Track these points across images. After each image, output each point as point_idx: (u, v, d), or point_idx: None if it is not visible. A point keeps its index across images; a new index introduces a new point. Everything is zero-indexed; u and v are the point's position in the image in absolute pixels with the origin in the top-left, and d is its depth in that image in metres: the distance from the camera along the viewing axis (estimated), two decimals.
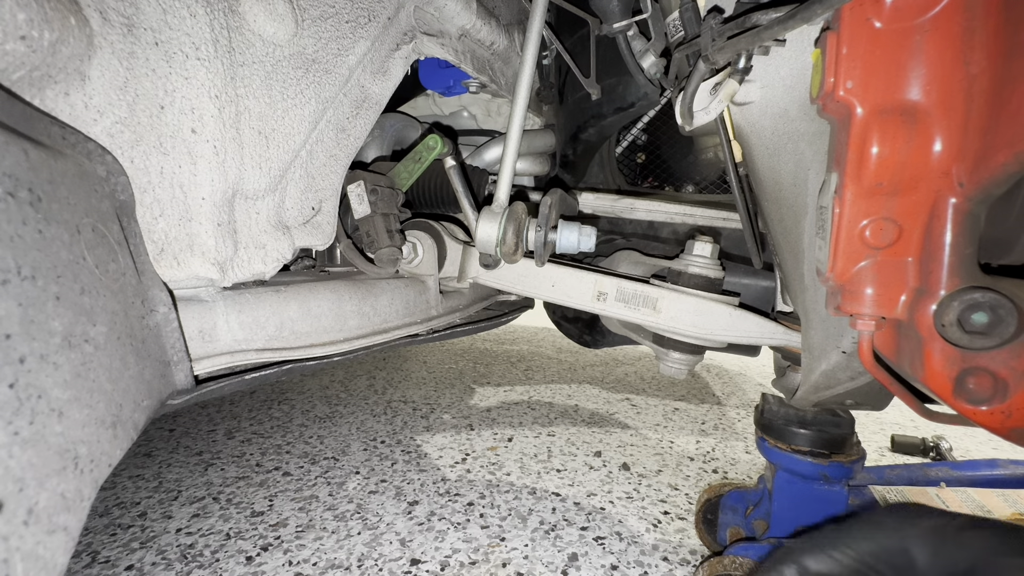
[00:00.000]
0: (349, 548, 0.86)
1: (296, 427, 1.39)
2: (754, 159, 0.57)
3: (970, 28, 0.40)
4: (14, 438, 0.27)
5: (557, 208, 0.71)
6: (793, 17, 0.39)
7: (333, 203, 0.66)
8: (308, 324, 0.62)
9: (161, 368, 0.44)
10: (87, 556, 0.85)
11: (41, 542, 0.28)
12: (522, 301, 1.18)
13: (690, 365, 0.78)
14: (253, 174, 0.53)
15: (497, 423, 1.43)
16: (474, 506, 1.00)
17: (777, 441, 0.74)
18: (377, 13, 0.65)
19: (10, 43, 0.34)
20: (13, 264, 0.28)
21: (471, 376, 1.88)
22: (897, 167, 0.43)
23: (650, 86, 0.76)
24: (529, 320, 2.72)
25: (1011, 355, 0.40)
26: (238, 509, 0.98)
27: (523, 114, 0.66)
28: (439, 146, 0.80)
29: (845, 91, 0.43)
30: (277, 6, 0.53)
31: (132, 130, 0.45)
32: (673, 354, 0.78)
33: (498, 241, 0.65)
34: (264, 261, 0.56)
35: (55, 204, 0.33)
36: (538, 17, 0.65)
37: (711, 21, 0.47)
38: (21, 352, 0.28)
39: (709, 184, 1.08)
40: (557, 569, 0.82)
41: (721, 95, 0.50)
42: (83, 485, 0.31)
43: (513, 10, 0.94)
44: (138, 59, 0.44)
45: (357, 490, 1.05)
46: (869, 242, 0.45)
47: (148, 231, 0.47)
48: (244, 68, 0.51)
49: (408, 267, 0.82)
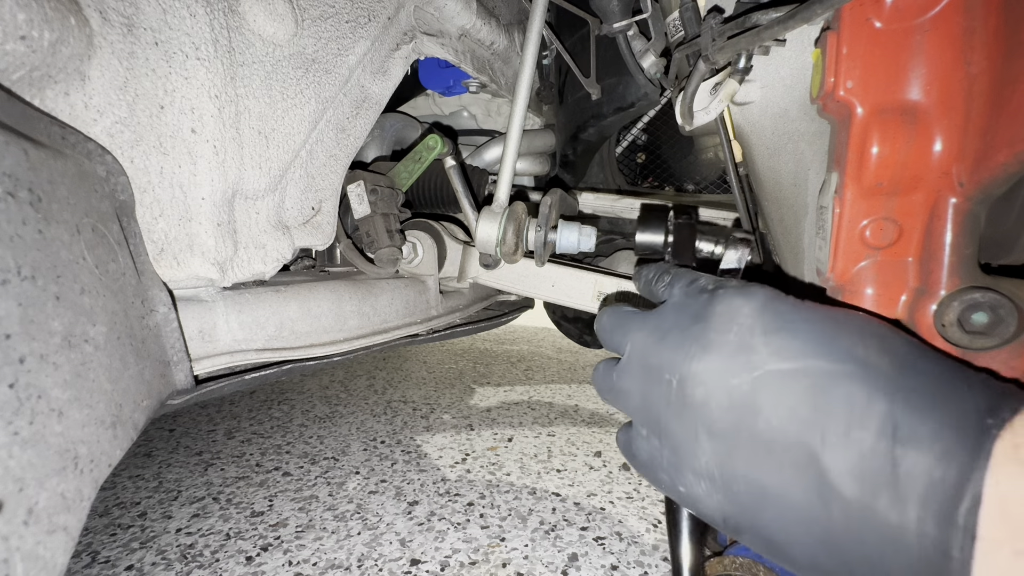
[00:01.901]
0: (349, 548, 0.86)
1: (296, 427, 1.39)
2: (754, 159, 0.57)
3: (970, 28, 0.40)
4: (14, 438, 0.27)
5: (557, 208, 0.71)
6: (793, 17, 0.39)
7: (333, 203, 0.66)
8: (308, 324, 0.62)
9: (161, 368, 0.44)
10: (87, 556, 0.85)
11: (41, 542, 0.28)
12: (522, 301, 1.18)
13: None
14: (253, 174, 0.53)
15: (497, 423, 1.43)
16: (474, 506, 1.00)
17: None
18: (377, 13, 0.65)
19: (10, 43, 0.34)
20: (13, 264, 0.28)
21: (471, 376, 1.88)
22: (897, 167, 0.43)
23: (650, 86, 0.76)
24: (529, 320, 2.72)
25: (1011, 355, 0.40)
26: (238, 509, 0.98)
27: (523, 114, 0.66)
28: (439, 146, 0.80)
29: (845, 91, 0.43)
30: (277, 6, 0.53)
31: (132, 130, 0.45)
32: None
33: (498, 241, 0.65)
34: (264, 261, 0.56)
35: (55, 204, 0.33)
36: (538, 17, 0.65)
37: (711, 21, 0.47)
38: (21, 352, 0.28)
39: (709, 184, 1.08)
40: (557, 569, 0.82)
41: (721, 95, 0.50)
42: (83, 485, 0.31)
43: (513, 10, 0.94)
44: (138, 59, 0.44)
45: (357, 490, 1.05)
46: (869, 242, 0.45)
47: (148, 231, 0.47)
48: (244, 68, 0.51)
49: (408, 267, 0.82)
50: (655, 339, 0.34)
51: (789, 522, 0.27)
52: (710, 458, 0.30)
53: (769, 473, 0.28)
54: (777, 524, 0.28)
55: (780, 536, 0.28)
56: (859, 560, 0.25)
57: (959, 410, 0.24)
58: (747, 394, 0.29)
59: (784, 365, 0.28)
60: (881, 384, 0.26)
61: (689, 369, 0.31)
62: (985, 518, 0.22)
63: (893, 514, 0.24)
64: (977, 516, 0.22)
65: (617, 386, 0.36)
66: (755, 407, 0.28)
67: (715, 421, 0.29)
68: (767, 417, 0.28)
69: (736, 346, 0.30)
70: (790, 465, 0.27)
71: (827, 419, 0.26)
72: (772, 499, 0.28)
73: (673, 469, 0.32)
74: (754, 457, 0.28)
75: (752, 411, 0.28)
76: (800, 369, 0.28)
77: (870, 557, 0.25)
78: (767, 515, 0.28)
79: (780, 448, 0.27)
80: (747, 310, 0.31)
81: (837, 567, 0.26)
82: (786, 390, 0.28)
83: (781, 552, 0.28)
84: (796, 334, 0.29)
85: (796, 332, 0.29)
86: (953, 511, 0.22)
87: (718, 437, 0.29)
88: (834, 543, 0.26)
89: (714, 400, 0.30)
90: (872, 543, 0.24)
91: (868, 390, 0.26)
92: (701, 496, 0.31)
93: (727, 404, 0.29)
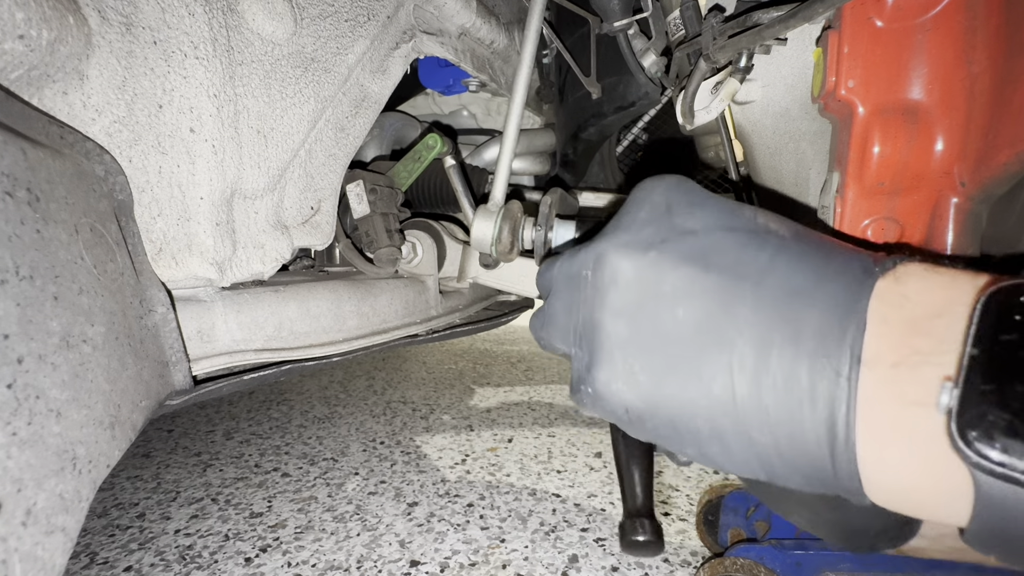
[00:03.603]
0: (348, 549, 0.86)
1: (295, 428, 1.39)
2: (755, 158, 0.57)
3: (972, 27, 0.40)
4: (12, 439, 0.27)
5: (557, 207, 0.71)
6: (794, 16, 0.39)
7: (332, 203, 0.66)
8: (307, 324, 0.62)
9: (159, 368, 0.44)
10: (85, 557, 0.84)
11: (39, 543, 0.28)
12: (522, 301, 1.18)
13: None
14: (252, 173, 0.53)
15: (497, 424, 1.43)
16: (474, 507, 1.00)
17: None
18: (376, 12, 0.65)
19: (8, 42, 0.34)
20: (11, 264, 0.28)
21: (471, 376, 1.88)
22: (899, 167, 0.43)
23: (651, 85, 0.76)
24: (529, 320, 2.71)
25: None
26: (237, 510, 0.98)
27: (520, 112, 0.66)
28: (439, 145, 0.80)
29: (846, 90, 0.43)
30: (276, 5, 0.53)
31: (130, 129, 0.44)
32: None
33: (493, 240, 0.65)
34: (263, 261, 0.56)
35: (53, 204, 0.33)
36: (536, 15, 0.65)
37: (712, 20, 0.47)
38: (19, 352, 0.28)
39: (710, 183, 1.08)
40: (557, 570, 0.82)
41: (722, 94, 0.50)
42: (81, 486, 0.31)
43: (513, 8, 0.94)
44: (136, 58, 0.44)
45: (356, 491, 1.05)
46: (871, 242, 0.45)
47: (146, 231, 0.47)
48: (243, 67, 0.51)
49: (407, 267, 0.81)
50: (572, 253, 0.33)
51: (694, 393, 0.26)
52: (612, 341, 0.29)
53: (677, 344, 0.27)
54: (681, 399, 0.27)
55: (686, 412, 0.27)
56: (762, 425, 0.25)
57: (848, 264, 0.25)
58: (654, 263, 0.28)
59: (690, 234, 0.28)
60: (779, 247, 0.27)
61: (602, 251, 0.30)
62: (868, 340, 0.23)
63: (790, 366, 0.24)
64: (862, 342, 0.23)
65: (546, 317, 0.35)
66: (659, 277, 0.28)
67: (623, 297, 0.29)
68: (676, 283, 0.27)
69: (645, 221, 0.30)
70: (696, 331, 0.26)
71: (730, 283, 0.26)
72: (680, 373, 0.27)
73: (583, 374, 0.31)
74: (659, 329, 0.28)
75: (657, 281, 0.28)
76: (705, 236, 0.28)
77: (774, 420, 0.25)
78: (672, 392, 0.27)
79: (684, 316, 0.27)
80: (660, 188, 0.31)
81: (732, 433, 0.26)
82: (690, 258, 0.28)
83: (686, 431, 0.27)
84: (703, 206, 0.30)
85: (703, 205, 0.30)
86: (841, 340, 0.23)
87: (625, 314, 0.28)
88: (733, 405, 0.25)
89: (621, 275, 0.29)
90: (779, 403, 0.24)
91: (769, 253, 0.26)
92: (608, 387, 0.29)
93: (639, 275, 0.28)
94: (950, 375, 0.21)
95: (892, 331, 0.23)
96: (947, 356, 0.21)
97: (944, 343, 0.21)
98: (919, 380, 0.21)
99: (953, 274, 0.24)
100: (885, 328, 0.23)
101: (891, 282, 0.24)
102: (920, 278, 0.24)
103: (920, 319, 0.22)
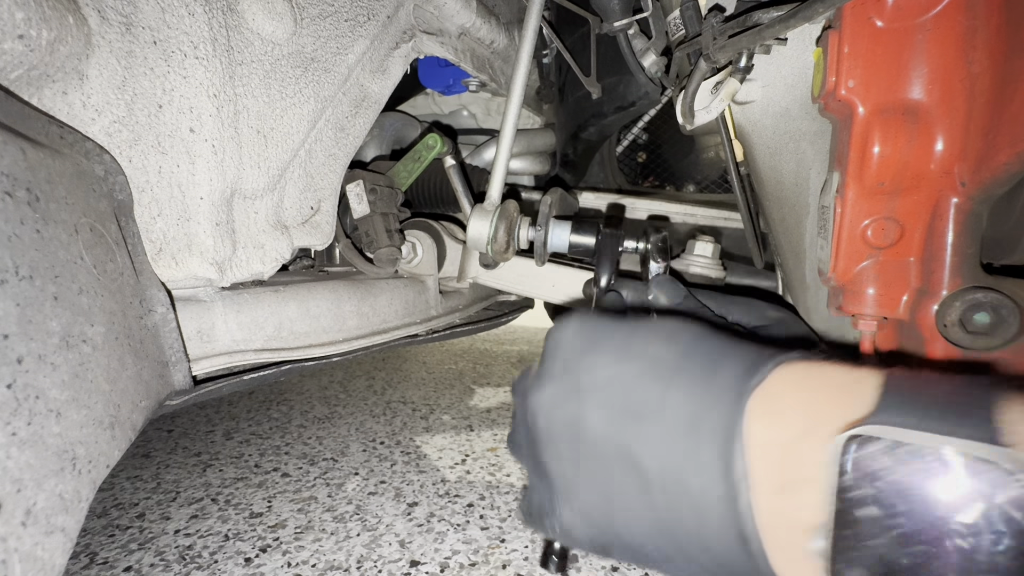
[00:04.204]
0: (348, 549, 0.86)
1: (295, 428, 1.39)
2: (755, 158, 0.57)
3: (972, 27, 0.39)
4: (12, 439, 0.27)
5: (556, 207, 0.71)
6: (795, 16, 0.39)
7: (332, 203, 0.66)
8: (307, 324, 0.62)
9: (159, 368, 0.44)
10: (85, 557, 0.84)
11: (39, 543, 0.28)
12: (522, 301, 1.18)
13: None
14: (252, 173, 0.53)
15: (497, 424, 1.43)
16: (474, 507, 1.00)
17: None
18: (376, 11, 0.65)
19: (8, 42, 0.34)
20: (11, 264, 0.28)
21: (471, 376, 1.88)
22: (899, 167, 0.43)
23: (651, 85, 0.76)
24: (529, 320, 2.72)
25: (1013, 355, 0.40)
26: (236, 510, 0.98)
27: (517, 111, 0.66)
28: (438, 145, 0.80)
29: (847, 90, 0.43)
30: (276, 5, 0.53)
31: (130, 129, 0.44)
32: None
33: (489, 239, 0.65)
34: (263, 261, 0.56)
35: (53, 203, 0.33)
36: (534, 14, 0.65)
37: (712, 20, 0.47)
38: (19, 352, 0.28)
39: (710, 183, 1.08)
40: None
41: (722, 94, 0.50)
42: (81, 486, 0.31)
43: (513, 8, 0.94)
44: (136, 58, 0.44)
45: (356, 491, 1.05)
46: (871, 242, 0.45)
47: (146, 231, 0.46)
48: (242, 67, 0.51)
49: (407, 267, 0.81)
50: (521, 380, 0.37)
51: (633, 523, 0.29)
52: (563, 483, 0.32)
53: (607, 482, 0.30)
54: (627, 529, 0.29)
55: (635, 540, 0.29)
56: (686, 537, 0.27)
57: (727, 379, 0.27)
58: (575, 412, 0.31)
59: (596, 377, 0.31)
60: (668, 375, 0.29)
61: (533, 403, 0.33)
62: (752, 465, 0.25)
63: (695, 483, 0.26)
64: (747, 465, 0.25)
65: (513, 435, 0.38)
66: (581, 423, 0.30)
67: (558, 445, 0.32)
68: (591, 429, 0.30)
69: (561, 371, 0.33)
70: (618, 468, 0.29)
71: (632, 417, 0.29)
72: (617, 507, 0.29)
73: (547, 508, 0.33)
74: (592, 470, 0.30)
75: (580, 428, 0.31)
76: (607, 378, 0.31)
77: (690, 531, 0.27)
78: (617, 524, 0.30)
79: (606, 455, 0.29)
80: (567, 336, 0.34)
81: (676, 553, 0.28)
82: (599, 400, 0.30)
83: (642, 556, 0.30)
84: (603, 349, 0.32)
85: (603, 347, 0.32)
86: (731, 466, 0.25)
87: (564, 459, 0.31)
88: (667, 530, 0.28)
89: (554, 426, 0.32)
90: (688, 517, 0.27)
91: (661, 385, 0.29)
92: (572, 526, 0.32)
93: (563, 425, 0.31)
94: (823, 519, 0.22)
95: (768, 454, 0.25)
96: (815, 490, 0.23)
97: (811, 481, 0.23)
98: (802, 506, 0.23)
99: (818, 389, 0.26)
100: (760, 452, 0.25)
101: (760, 400, 0.26)
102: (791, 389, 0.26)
103: (788, 444, 0.24)
